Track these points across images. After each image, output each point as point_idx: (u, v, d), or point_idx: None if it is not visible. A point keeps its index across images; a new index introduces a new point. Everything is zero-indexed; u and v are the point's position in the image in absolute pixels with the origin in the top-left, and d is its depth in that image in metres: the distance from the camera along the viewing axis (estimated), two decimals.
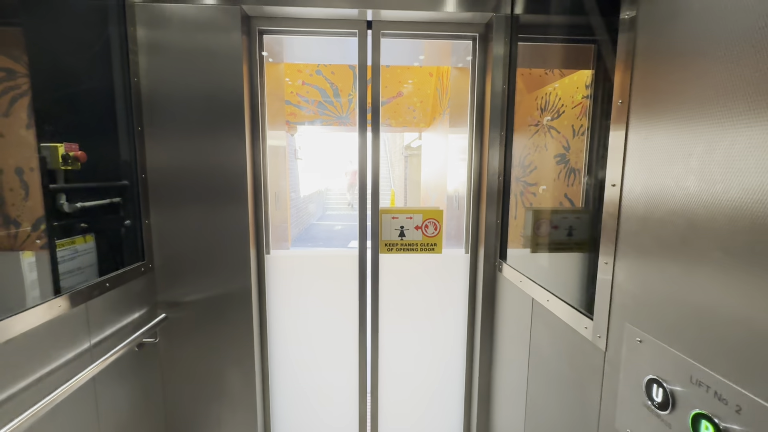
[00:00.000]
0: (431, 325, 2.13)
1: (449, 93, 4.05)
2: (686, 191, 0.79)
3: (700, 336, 0.76)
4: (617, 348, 1.01)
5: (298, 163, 11.81)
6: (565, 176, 1.59)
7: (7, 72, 1.33)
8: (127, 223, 1.74)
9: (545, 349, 1.45)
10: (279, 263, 2.03)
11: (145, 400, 1.81)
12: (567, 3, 1.48)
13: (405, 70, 4.67)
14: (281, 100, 2.60)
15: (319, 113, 5.21)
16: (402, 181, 13.13)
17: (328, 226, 13.54)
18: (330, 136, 16.20)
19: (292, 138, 9.53)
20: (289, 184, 3.44)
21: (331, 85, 4.75)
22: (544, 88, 1.85)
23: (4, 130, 1.33)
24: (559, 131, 1.69)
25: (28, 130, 1.37)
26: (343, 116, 5.30)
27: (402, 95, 5.20)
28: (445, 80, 4.47)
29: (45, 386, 1.22)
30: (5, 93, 1.33)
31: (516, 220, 1.86)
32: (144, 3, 1.68)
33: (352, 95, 4.84)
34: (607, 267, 1.04)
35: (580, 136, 1.51)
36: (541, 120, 1.82)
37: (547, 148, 1.76)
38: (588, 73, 1.52)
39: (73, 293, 1.35)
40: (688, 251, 0.78)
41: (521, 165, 1.86)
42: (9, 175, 1.34)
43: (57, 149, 1.42)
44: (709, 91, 0.74)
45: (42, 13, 1.41)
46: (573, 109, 1.62)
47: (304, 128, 5.92)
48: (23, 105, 1.35)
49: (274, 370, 2.12)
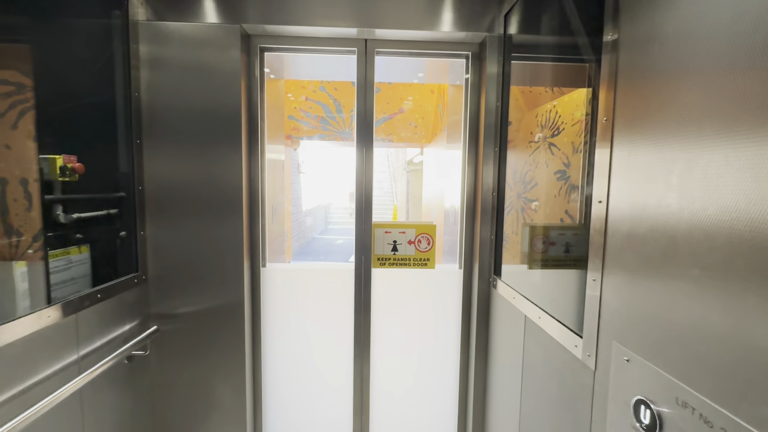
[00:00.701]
0: (424, 341, 2.10)
1: (448, 110, 4.11)
2: (667, 208, 0.79)
3: (683, 355, 0.75)
4: (606, 367, 1.00)
5: (300, 177, 11.91)
6: (566, 193, 1.59)
7: (18, 86, 1.37)
8: (123, 235, 1.75)
9: (538, 367, 1.42)
10: (275, 276, 2.03)
11: (133, 414, 1.78)
12: (556, 25, 1.52)
13: (407, 87, 4.75)
14: (281, 115, 2.65)
15: (321, 128, 5.29)
16: (404, 196, 13.18)
17: (329, 240, 13.55)
18: (332, 151, 16.36)
19: (295, 152, 9.63)
20: (291, 198, 3.46)
21: (334, 100, 4.84)
22: (544, 106, 1.87)
23: (11, 142, 1.36)
24: (559, 148, 1.70)
25: (34, 142, 1.40)
26: (346, 131, 5.37)
27: (403, 111, 5.27)
28: (446, 97, 4.54)
29: (29, 398, 1.21)
30: (14, 106, 1.36)
31: (517, 235, 1.86)
32: (148, 21, 1.74)
33: (354, 111, 4.92)
34: (595, 284, 1.03)
35: (580, 153, 1.52)
36: (542, 137, 1.84)
37: (547, 165, 1.77)
38: (587, 91, 1.54)
39: (63, 303, 1.36)
40: (669, 268, 0.78)
41: (522, 181, 1.86)
42: (14, 186, 1.36)
43: (55, 161, 1.45)
44: (686, 111, 0.75)
45: (50, 31, 1.46)
46: (573, 126, 1.63)
47: (307, 143, 6.00)
48: (30, 118, 1.39)
49: (267, 384, 2.09)
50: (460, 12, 1.79)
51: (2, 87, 1.29)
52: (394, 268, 2.02)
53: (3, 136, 1.30)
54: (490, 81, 1.85)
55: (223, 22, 1.75)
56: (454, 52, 1.94)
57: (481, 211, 1.90)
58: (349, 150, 10.27)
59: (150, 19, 1.75)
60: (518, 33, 1.71)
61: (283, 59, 2.18)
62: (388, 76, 2.86)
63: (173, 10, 1.75)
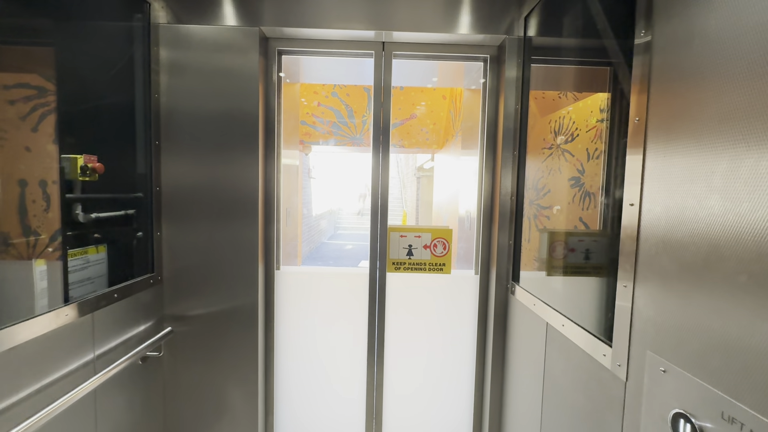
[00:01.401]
0: (439, 347, 2.06)
1: (462, 115, 4.09)
2: (709, 210, 0.75)
3: (728, 366, 0.70)
4: (639, 378, 0.95)
5: (311, 182, 11.97)
6: (580, 200, 1.55)
7: (39, 90, 1.39)
8: (140, 235, 1.76)
9: (560, 377, 1.37)
10: (289, 279, 2.01)
11: (145, 415, 1.77)
12: (580, 26, 1.49)
13: (419, 93, 4.75)
14: (296, 119, 2.65)
15: (333, 133, 5.31)
16: (414, 202, 13.14)
17: (338, 246, 13.54)
18: (343, 156, 16.44)
19: (306, 157, 9.69)
20: (301, 203, 3.47)
21: (346, 106, 4.86)
22: (557, 112, 1.84)
23: (31, 145, 1.37)
24: (573, 155, 1.67)
25: (53, 144, 1.42)
26: (357, 137, 5.38)
27: (415, 117, 5.27)
28: (458, 103, 4.52)
29: (46, 396, 1.21)
30: (35, 110, 1.38)
31: (529, 243, 1.82)
32: (168, 24, 1.75)
33: (366, 116, 4.93)
34: (626, 291, 0.99)
35: (595, 160, 1.49)
36: (555, 143, 1.80)
37: (561, 172, 1.73)
38: (603, 97, 1.51)
39: (81, 302, 1.36)
40: (712, 274, 0.74)
41: (534, 188, 1.83)
42: (33, 187, 1.37)
43: (76, 160, 1.46)
44: (730, 109, 0.72)
45: (72, 34, 1.48)
46: (587, 132, 1.60)
47: (319, 148, 6.03)
48: (51, 121, 1.40)
49: (279, 388, 2.07)
50: (478, 14, 1.77)
51: (24, 91, 1.31)
52: (410, 273, 1.99)
53: (24, 139, 1.31)
54: (508, 84, 1.82)
55: (241, 24, 1.76)
56: (472, 54, 1.92)
57: (500, 215, 1.87)
58: (359, 156, 10.30)
59: (170, 22, 1.76)
60: (539, 35, 1.69)
61: (298, 63, 2.19)
62: (401, 81, 2.86)
63: (193, 14, 1.76)
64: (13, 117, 1.27)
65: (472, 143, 2.18)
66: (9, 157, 1.25)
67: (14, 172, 1.28)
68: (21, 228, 1.33)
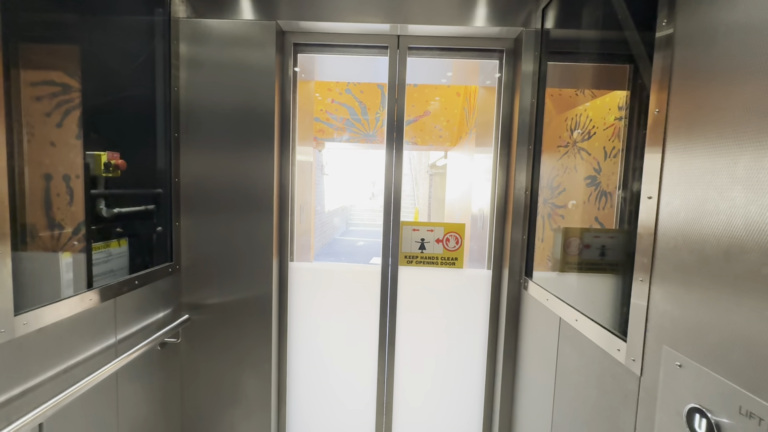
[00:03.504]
0: (450, 341, 2.06)
1: (476, 113, 4.06)
2: (731, 202, 0.74)
3: (748, 361, 0.69)
4: (654, 373, 0.94)
5: (324, 179, 12.05)
6: (596, 199, 1.53)
7: (64, 87, 1.43)
8: (159, 230, 1.80)
9: (573, 371, 1.36)
10: (302, 274, 2.04)
11: (163, 399, 1.82)
12: (600, 18, 1.47)
13: (432, 90, 4.73)
14: (310, 116, 2.68)
15: (346, 130, 5.33)
16: (426, 200, 13.10)
17: (350, 242, 13.61)
18: (356, 153, 16.50)
19: (319, 154, 9.76)
20: (314, 199, 3.51)
21: (359, 103, 4.87)
22: (574, 109, 1.81)
23: (56, 139, 1.42)
24: (590, 153, 1.64)
25: (77, 140, 1.46)
26: (370, 134, 5.39)
27: (429, 114, 5.24)
28: (472, 100, 4.48)
29: (71, 377, 1.26)
30: (60, 106, 1.43)
31: (543, 242, 1.80)
32: (188, 18, 1.79)
33: (379, 113, 4.94)
34: (643, 284, 0.98)
35: (612, 159, 1.47)
36: (571, 141, 1.78)
37: (576, 170, 1.71)
38: (622, 94, 1.48)
39: (104, 288, 1.41)
40: (733, 267, 0.72)
41: (549, 186, 1.81)
42: (57, 181, 1.42)
43: (100, 157, 1.51)
44: (754, 99, 0.70)
45: (96, 30, 1.53)
46: (605, 130, 1.57)
47: (332, 144, 6.06)
48: (75, 117, 1.45)
49: (291, 379, 2.10)
50: (495, 5, 1.76)
51: (49, 88, 1.34)
52: (422, 267, 2.00)
53: (48, 134, 1.35)
54: (525, 77, 1.80)
55: (259, 18, 1.79)
56: (487, 48, 1.91)
57: (513, 211, 1.85)
58: (372, 152, 10.33)
59: (190, 16, 1.80)
60: (557, 28, 1.67)
61: (313, 60, 2.20)
62: (415, 78, 2.85)
63: (211, 8, 1.80)
64: (39, 113, 1.31)
65: (486, 141, 2.17)
66: (35, 152, 1.30)
67: (40, 166, 1.33)
68: (46, 220, 1.38)
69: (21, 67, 1.21)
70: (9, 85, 1.13)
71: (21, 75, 1.22)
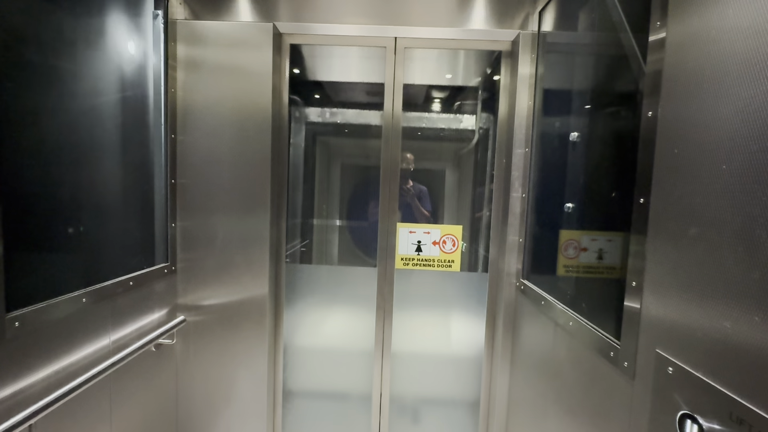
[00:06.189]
0: (447, 344, 2.06)
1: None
2: (728, 202, 0.73)
3: (740, 367, 0.69)
4: (646, 377, 0.93)
5: None
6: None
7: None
8: (155, 227, 1.80)
9: (569, 375, 1.35)
10: (297, 275, 2.04)
11: (158, 401, 1.82)
12: (597, 21, 1.46)
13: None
14: None
15: None
16: None
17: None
18: None
19: None
20: None
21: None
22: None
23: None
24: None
25: None
26: None
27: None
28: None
29: (65, 377, 1.26)
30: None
31: (541, 242, 1.80)
32: (186, 20, 1.79)
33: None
34: (635, 288, 0.97)
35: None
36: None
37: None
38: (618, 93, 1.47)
39: (98, 289, 1.40)
40: (724, 273, 0.72)
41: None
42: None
43: None
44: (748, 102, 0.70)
45: (95, 30, 1.53)
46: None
47: None
48: None
49: (288, 379, 2.10)
50: (492, 8, 1.76)
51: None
52: (418, 269, 1.99)
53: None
54: (522, 80, 1.80)
55: (256, 20, 1.79)
56: (485, 50, 1.90)
57: (510, 214, 1.85)
58: None
59: (187, 18, 1.80)
60: (554, 30, 1.66)
61: (311, 60, 2.21)
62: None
63: (209, 10, 1.80)
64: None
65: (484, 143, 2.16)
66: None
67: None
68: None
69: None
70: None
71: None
